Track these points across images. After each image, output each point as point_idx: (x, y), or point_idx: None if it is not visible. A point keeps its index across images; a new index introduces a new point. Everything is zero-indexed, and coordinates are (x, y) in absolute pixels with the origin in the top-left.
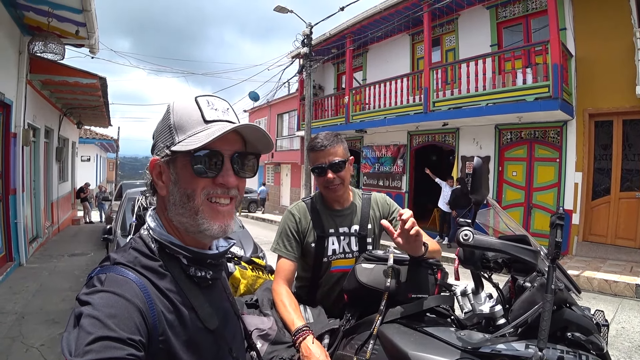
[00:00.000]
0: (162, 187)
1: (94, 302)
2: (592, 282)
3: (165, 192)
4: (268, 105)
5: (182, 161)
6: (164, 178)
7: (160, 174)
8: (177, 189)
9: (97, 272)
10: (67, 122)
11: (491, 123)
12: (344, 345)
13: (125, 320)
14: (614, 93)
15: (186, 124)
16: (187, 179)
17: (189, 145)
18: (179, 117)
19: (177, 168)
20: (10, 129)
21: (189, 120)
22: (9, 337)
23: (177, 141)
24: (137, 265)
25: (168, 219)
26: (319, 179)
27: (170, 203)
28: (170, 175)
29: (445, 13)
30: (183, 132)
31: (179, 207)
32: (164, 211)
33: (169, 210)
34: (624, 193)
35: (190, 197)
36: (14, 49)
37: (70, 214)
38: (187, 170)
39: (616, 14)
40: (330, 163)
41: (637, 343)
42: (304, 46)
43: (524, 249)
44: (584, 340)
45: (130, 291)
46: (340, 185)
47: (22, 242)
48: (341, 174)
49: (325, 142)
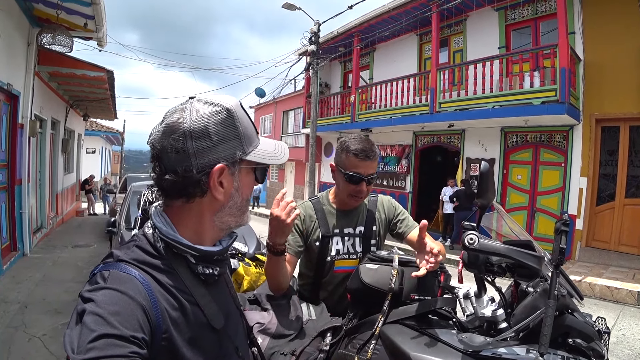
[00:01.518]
0: (221, 193)
1: (97, 299)
2: (594, 288)
3: (224, 197)
4: (274, 102)
5: (245, 170)
6: (226, 184)
7: (220, 180)
8: (240, 195)
9: (100, 268)
10: (74, 114)
11: (497, 125)
12: (345, 344)
13: (128, 318)
14: (622, 99)
15: (250, 135)
16: (249, 186)
17: (262, 158)
18: (244, 127)
19: (242, 176)
20: (17, 120)
21: (252, 132)
22: (11, 326)
23: (248, 151)
24: (140, 262)
25: (210, 221)
26: (348, 185)
27: (226, 207)
28: (233, 182)
29: (454, 14)
30: (249, 143)
31: (236, 210)
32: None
33: (220, 213)
34: (629, 199)
35: (249, 201)
36: (23, 40)
37: (74, 205)
38: (250, 178)
39: (626, 19)
40: (369, 176)
41: (637, 351)
42: (312, 44)
43: (528, 254)
44: (585, 347)
45: (133, 288)
46: (365, 197)
47: (27, 232)
48: (370, 186)
49: (370, 154)
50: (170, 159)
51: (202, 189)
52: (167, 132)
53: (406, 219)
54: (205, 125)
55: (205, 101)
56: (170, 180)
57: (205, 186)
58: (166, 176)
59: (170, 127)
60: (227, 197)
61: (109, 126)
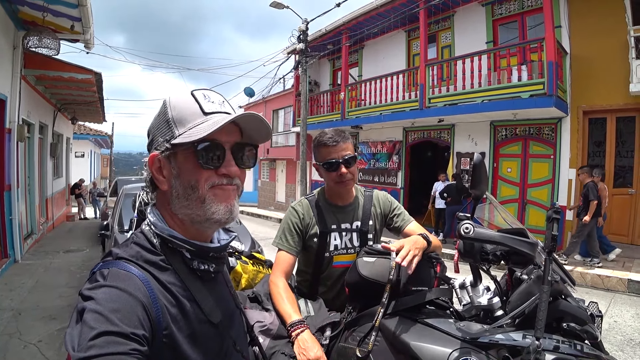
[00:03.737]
0: (162, 182)
1: (97, 297)
2: (585, 277)
3: (166, 186)
4: (263, 101)
5: (183, 154)
6: (165, 172)
7: (160, 169)
8: (180, 182)
9: (100, 267)
10: (62, 117)
11: (486, 120)
12: (345, 338)
13: (128, 315)
14: (608, 90)
15: (185, 117)
16: (190, 170)
17: (191, 136)
18: (177, 111)
19: (178, 161)
20: (4, 125)
21: (188, 113)
22: (6, 333)
23: (177, 134)
24: (139, 259)
25: (171, 213)
26: (330, 174)
27: (173, 197)
28: (171, 169)
29: (441, 10)
30: (182, 125)
31: (183, 200)
32: (166, 206)
33: (172, 204)
34: (617, 189)
35: (194, 188)
36: (8, 44)
37: (64, 210)
38: (190, 162)
39: (611, 13)
40: (343, 158)
41: (628, 336)
42: (300, 42)
43: (522, 241)
44: (579, 330)
45: (133, 286)
46: (351, 180)
47: (17, 238)
48: (352, 169)
49: (337, 138)
50: None
51: (152, 180)
52: None
53: (402, 213)
54: (152, 121)
55: None
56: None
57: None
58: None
59: None
60: (169, 186)
61: (98, 129)
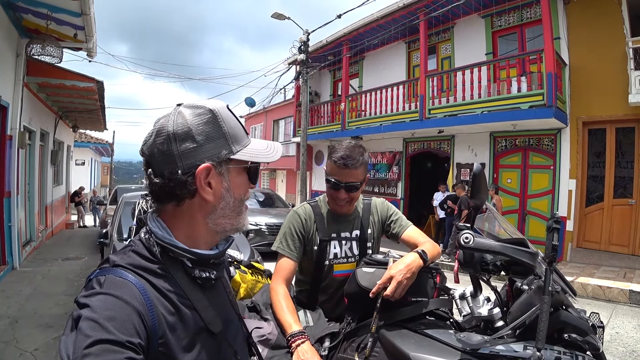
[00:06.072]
0: (209, 193)
1: (93, 304)
2: (587, 288)
3: (213, 198)
4: (264, 112)
5: (236, 169)
6: (214, 184)
7: (208, 181)
8: (231, 195)
9: (96, 274)
10: (63, 125)
11: (486, 130)
12: (344, 349)
13: (124, 323)
14: (607, 101)
15: (237, 134)
16: (242, 185)
17: (253, 157)
18: (229, 127)
19: (231, 175)
20: (6, 131)
21: (238, 131)
22: (2, 341)
23: (235, 150)
24: (136, 267)
25: (199, 223)
26: (330, 190)
27: (218, 208)
28: (222, 182)
29: (441, 22)
30: (237, 143)
31: (229, 211)
32: (195, 215)
33: (211, 214)
34: (617, 200)
35: (242, 201)
36: (12, 51)
37: (64, 217)
38: (242, 177)
39: (609, 24)
40: (347, 184)
41: (631, 348)
42: (301, 53)
43: (523, 251)
44: (581, 341)
45: (129, 293)
46: (347, 205)
47: (16, 245)
48: (353, 194)
49: (349, 162)
50: (157, 163)
51: (190, 190)
52: (154, 138)
53: (399, 219)
54: (188, 127)
55: (190, 105)
56: (158, 184)
57: (192, 187)
58: (155, 180)
59: (156, 133)
60: (217, 198)
61: (99, 137)
